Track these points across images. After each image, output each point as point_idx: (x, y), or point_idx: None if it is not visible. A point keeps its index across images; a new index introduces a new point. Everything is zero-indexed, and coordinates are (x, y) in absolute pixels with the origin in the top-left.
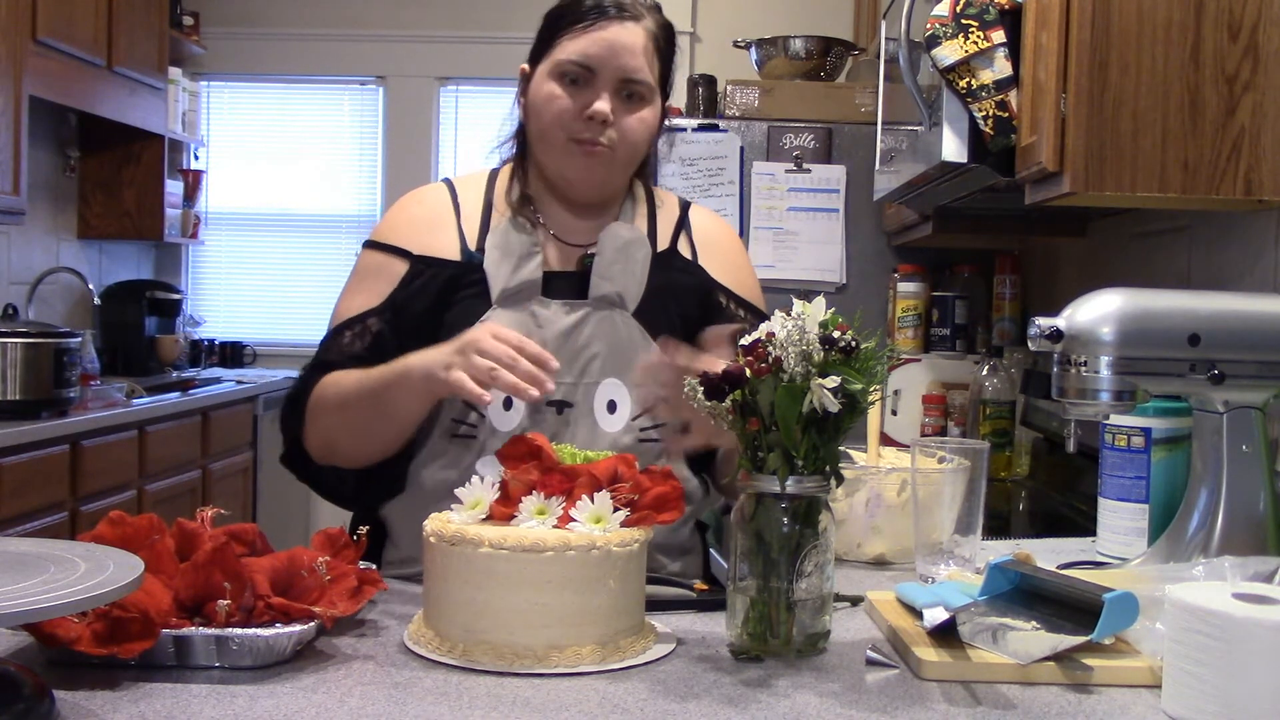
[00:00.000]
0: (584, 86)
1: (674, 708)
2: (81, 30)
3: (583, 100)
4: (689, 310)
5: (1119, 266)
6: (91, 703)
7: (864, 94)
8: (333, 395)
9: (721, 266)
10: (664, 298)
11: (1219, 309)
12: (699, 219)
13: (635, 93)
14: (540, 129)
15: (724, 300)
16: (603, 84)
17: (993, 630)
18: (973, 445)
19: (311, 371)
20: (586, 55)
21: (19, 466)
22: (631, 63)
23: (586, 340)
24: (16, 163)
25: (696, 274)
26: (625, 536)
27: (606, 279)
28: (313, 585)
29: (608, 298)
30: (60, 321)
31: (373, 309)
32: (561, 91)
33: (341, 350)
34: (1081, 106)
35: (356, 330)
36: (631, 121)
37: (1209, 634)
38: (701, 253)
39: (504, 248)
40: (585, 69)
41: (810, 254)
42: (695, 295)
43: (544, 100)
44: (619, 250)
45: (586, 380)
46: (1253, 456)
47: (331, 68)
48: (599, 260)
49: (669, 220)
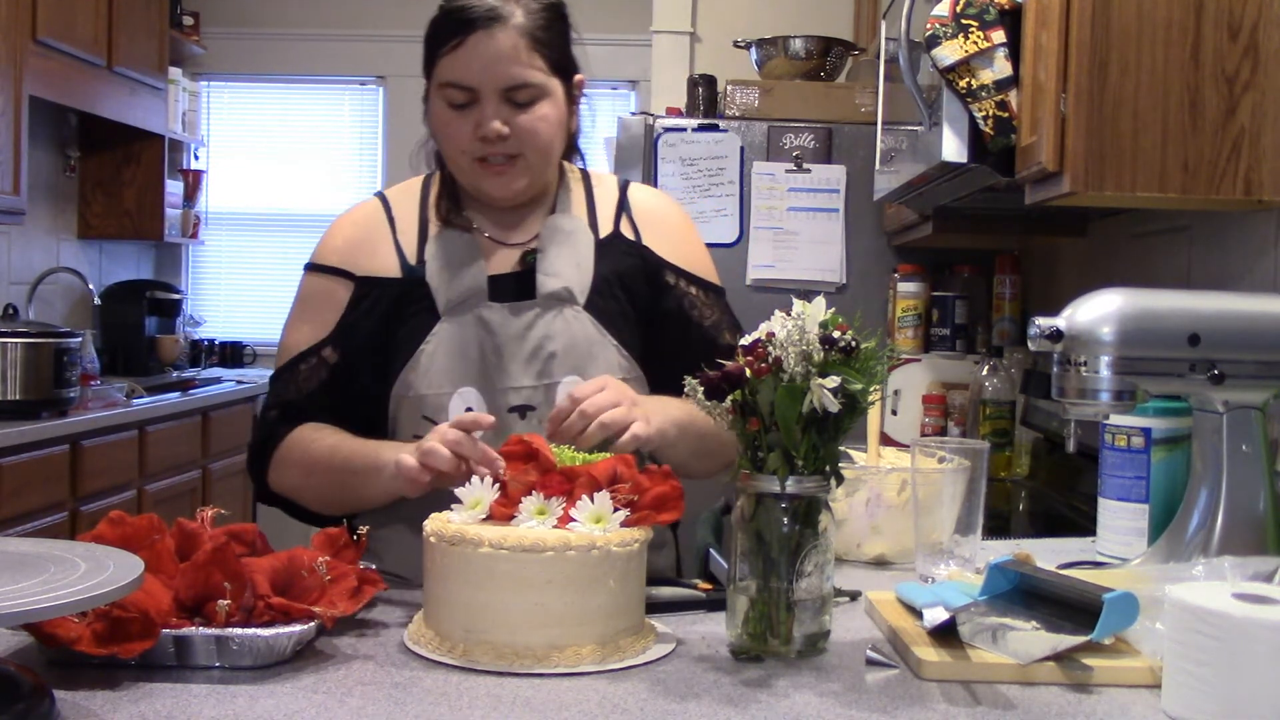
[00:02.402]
0: (470, 106)
1: (674, 708)
2: (81, 30)
3: (472, 121)
4: (639, 293)
5: (1119, 266)
6: (91, 703)
7: (864, 94)
8: (300, 459)
9: (667, 243)
10: (613, 285)
11: (1219, 309)
12: (639, 196)
13: (525, 97)
14: (446, 154)
15: (673, 279)
16: (487, 100)
17: (993, 630)
18: (973, 445)
19: (274, 414)
20: (463, 77)
21: (19, 466)
22: (509, 70)
23: (540, 340)
24: (16, 163)
25: (643, 254)
26: (625, 536)
27: (552, 275)
28: (313, 585)
29: (556, 294)
30: (60, 321)
31: (325, 339)
32: (451, 115)
33: (300, 387)
34: (1081, 106)
35: (312, 363)
36: (531, 123)
37: (1209, 634)
38: (645, 232)
39: (443, 258)
40: (467, 89)
41: (810, 254)
42: (644, 277)
43: (439, 126)
44: (561, 243)
45: (546, 381)
46: (1253, 456)
47: (331, 68)
48: (542, 257)
49: (608, 202)
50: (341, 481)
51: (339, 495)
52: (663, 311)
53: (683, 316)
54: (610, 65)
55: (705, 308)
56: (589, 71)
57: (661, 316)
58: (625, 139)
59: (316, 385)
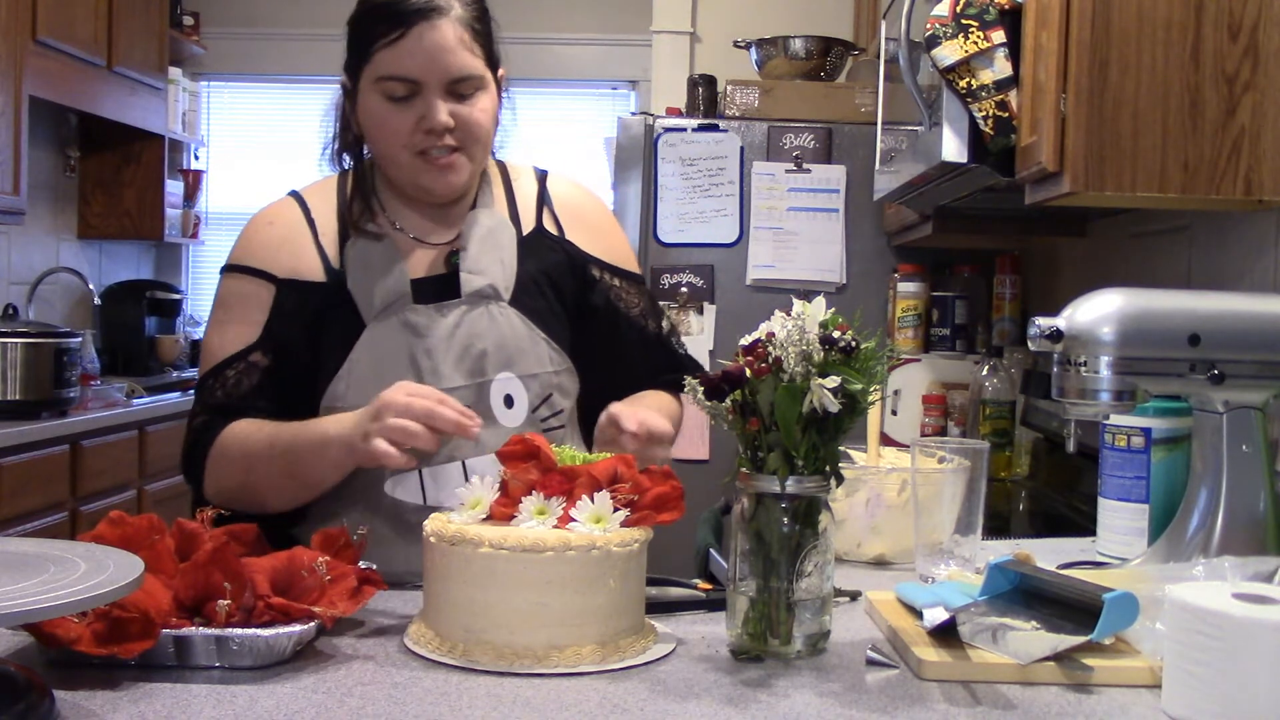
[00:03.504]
0: (412, 99)
1: (674, 708)
2: (81, 30)
3: (415, 114)
4: (566, 289)
5: (1119, 266)
6: (91, 703)
7: (864, 94)
8: (238, 453)
9: (589, 236)
10: (539, 281)
11: (1219, 309)
12: (558, 188)
13: (469, 88)
14: (382, 150)
15: (597, 272)
16: (432, 92)
17: (993, 630)
18: (973, 445)
19: (200, 421)
20: (407, 69)
21: (19, 466)
22: (455, 61)
23: (469, 339)
24: (16, 163)
25: (567, 250)
26: (625, 536)
27: (476, 273)
28: (313, 585)
29: (481, 292)
30: (60, 321)
31: (253, 343)
32: (391, 109)
33: (229, 391)
34: (1081, 106)
35: (241, 367)
36: (474, 115)
37: (1209, 634)
38: (567, 227)
39: (363, 263)
40: (409, 82)
41: (810, 254)
42: (569, 271)
43: (377, 121)
44: (484, 240)
45: (479, 379)
46: (1253, 456)
47: (331, 68)
48: (465, 255)
49: (528, 196)
50: (288, 469)
51: (288, 484)
52: (591, 305)
53: (611, 309)
54: (610, 65)
55: (631, 297)
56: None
57: (590, 310)
58: (625, 139)
59: (247, 389)
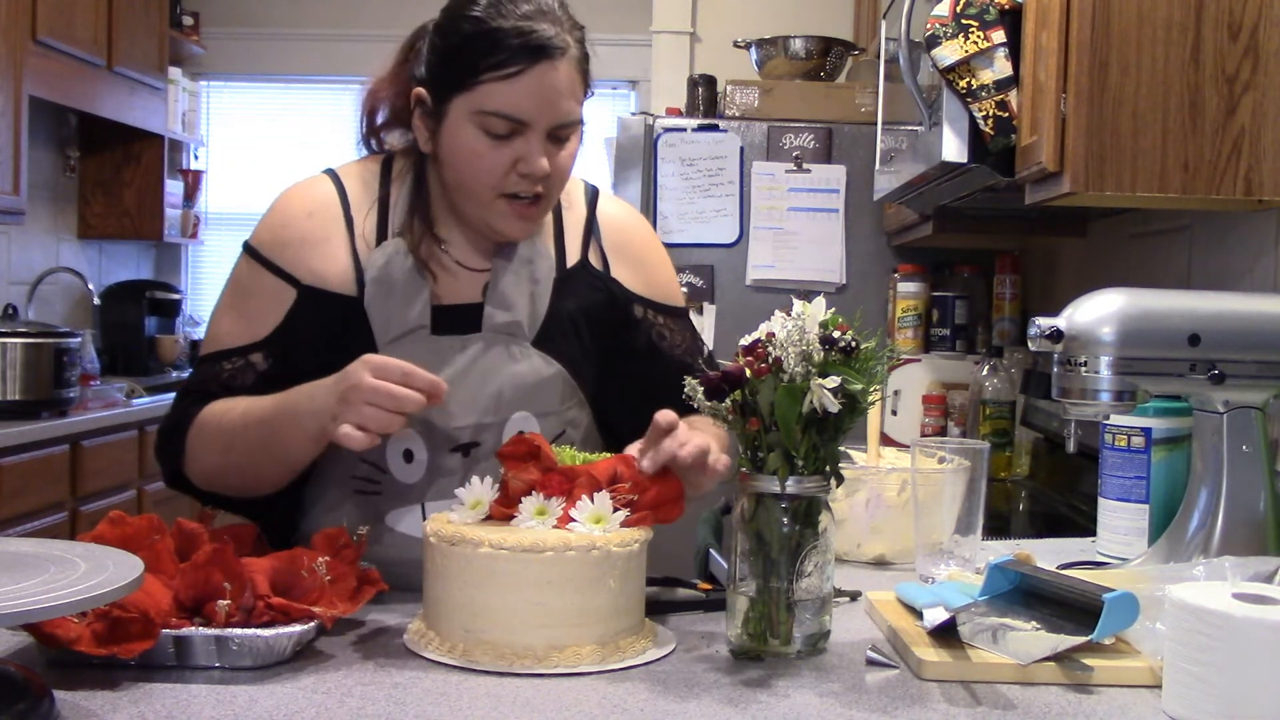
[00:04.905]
0: (512, 138)
1: (674, 708)
2: (81, 30)
3: (513, 154)
4: (602, 328)
5: (1119, 266)
6: (91, 703)
7: (864, 94)
8: (214, 431)
9: (635, 272)
10: (576, 320)
11: (1219, 309)
12: (607, 218)
13: (568, 134)
14: (462, 181)
15: (640, 311)
16: (536, 135)
17: (993, 630)
18: (973, 445)
19: (188, 400)
20: (519, 109)
21: (19, 466)
22: (565, 107)
23: (484, 378)
24: (16, 163)
25: (611, 287)
26: (625, 536)
27: (502, 308)
28: (313, 585)
29: (503, 327)
30: (60, 321)
31: (257, 342)
32: (488, 145)
33: (222, 383)
34: (1081, 106)
35: (238, 364)
36: (564, 161)
37: (1209, 634)
38: (614, 262)
39: (387, 282)
40: (516, 122)
41: (810, 254)
42: (610, 311)
43: (467, 153)
44: (517, 272)
45: (493, 419)
46: (1253, 456)
47: (331, 68)
48: (493, 289)
49: (577, 225)
50: (264, 445)
51: (263, 463)
52: (631, 345)
53: (651, 349)
54: (610, 65)
55: (674, 335)
56: None
57: (629, 350)
58: (625, 139)
59: (238, 387)
